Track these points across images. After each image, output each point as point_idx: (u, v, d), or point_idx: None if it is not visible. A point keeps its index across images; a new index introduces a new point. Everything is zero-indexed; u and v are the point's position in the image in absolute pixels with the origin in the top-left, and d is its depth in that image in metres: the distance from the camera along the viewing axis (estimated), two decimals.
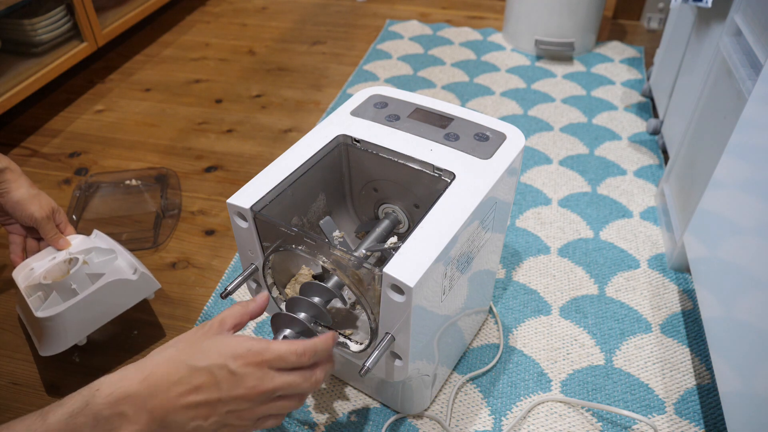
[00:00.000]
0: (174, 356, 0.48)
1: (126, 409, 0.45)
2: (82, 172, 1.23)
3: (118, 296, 0.80)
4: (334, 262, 0.57)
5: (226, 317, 0.54)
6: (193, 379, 0.48)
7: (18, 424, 0.42)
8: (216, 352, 0.49)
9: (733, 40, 0.90)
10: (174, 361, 0.48)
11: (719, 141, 0.83)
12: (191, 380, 0.48)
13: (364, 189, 0.74)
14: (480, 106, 1.43)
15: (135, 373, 0.47)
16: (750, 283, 0.66)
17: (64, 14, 1.42)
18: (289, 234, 0.59)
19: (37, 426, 0.42)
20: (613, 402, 0.78)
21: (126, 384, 0.46)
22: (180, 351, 0.49)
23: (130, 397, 0.45)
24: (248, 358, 0.49)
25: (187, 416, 0.48)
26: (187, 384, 0.47)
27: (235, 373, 0.48)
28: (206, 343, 0.50)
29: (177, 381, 0.47)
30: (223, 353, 0.49)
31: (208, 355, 0.49)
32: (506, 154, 0.66)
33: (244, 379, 0.49)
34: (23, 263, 0.87)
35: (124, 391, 0.45)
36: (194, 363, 0.48)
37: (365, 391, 0.79)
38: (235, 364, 0.49)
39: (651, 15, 1.83)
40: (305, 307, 0.59)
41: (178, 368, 0.48)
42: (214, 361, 0.48)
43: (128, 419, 0.45)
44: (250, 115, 1.43)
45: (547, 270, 0.98)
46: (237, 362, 0.49)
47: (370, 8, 2.00)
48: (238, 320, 0.54)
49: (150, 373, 0.47)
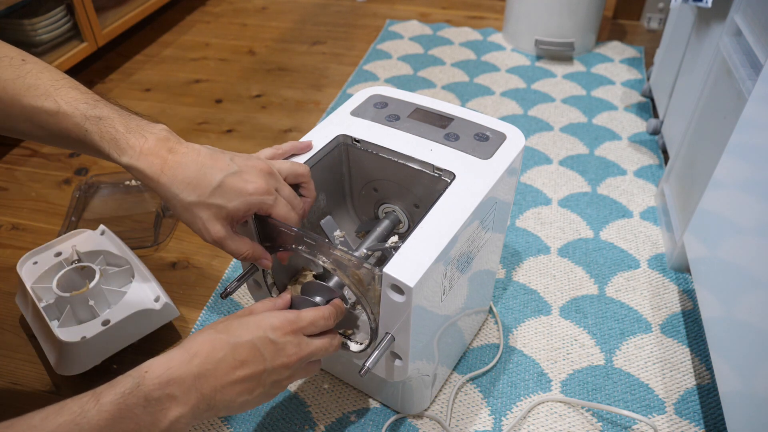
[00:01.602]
0: (215, 336, 0.50)
1: (175, 390, 0.46)
2: (82, 172, 1.23)
3: (140, 325, 0.82)
4: (335, 262, 0.57)
5: (256, 307, 0.57)
6: (238, 355, 0.50)
7: (73, 403, 0.44)
8: (255, 326, 0.52)
9: (733, 40, 0.90)
10: (216, 341, 0.50)
11: (719, 141, 0.83)
12: (236, 356, 0.50)
13: (364, 189, 0.74)
14: (480, 106, 1.43)
15: (181, 354, 0.48)
16: (750, 283, 0.66)
17: (64, 14, 1.42)
18: (288, 234, 0.59)
19: (90, 406, 0.43)
20: (613, 402, 0.78)
21: (174, 365, 0.47)
22: (219, 331, 0.51)
23: (178, 379, 0.46)
24: (285, 327, 0.53)
25: (235, 392, 0.50)
26: (233, 360, 0.49)
27: (276, 342, 0.52)
28: (242, 321, 0.52)
29: (222, 358, 0.49)
30: (261, 326, 0.52)
31: (248, 329, 0.51)
32: (506, 154, 0.66)
33: (285, 348, 0.52)
34: (25, 256, 0.87)
35: (173, 372, 0.46)
36: (236, 339, 0.50)
37: (365, 391, 0.79)
38: (274, 335, 0.52)
39: (651, 15, 1.83)
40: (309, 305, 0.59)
41: (222, 346, 0.49)
42: (255, 334, 0.51)
43: (177, 400, 0.46)
44: (250, 115, 1.43)
45: (547, 270, 0.98)
46: (276, 333, 0.52)
47: (370, 8, 2.00)
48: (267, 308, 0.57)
49: (195, 353, 0.48)
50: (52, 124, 0.53)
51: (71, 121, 0.53)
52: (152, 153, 0.53)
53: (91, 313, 0.82)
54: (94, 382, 0.81)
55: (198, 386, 0.47)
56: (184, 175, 0.53)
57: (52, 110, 0.53)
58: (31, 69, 0.54)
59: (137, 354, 0.85)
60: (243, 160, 0.57)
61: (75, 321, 0.82)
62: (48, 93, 0.53)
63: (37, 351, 0.86)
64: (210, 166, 0.54)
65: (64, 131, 0.53)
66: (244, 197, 0.55)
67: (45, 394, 0.80)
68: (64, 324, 0.81)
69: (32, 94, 0.53)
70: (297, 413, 0.77)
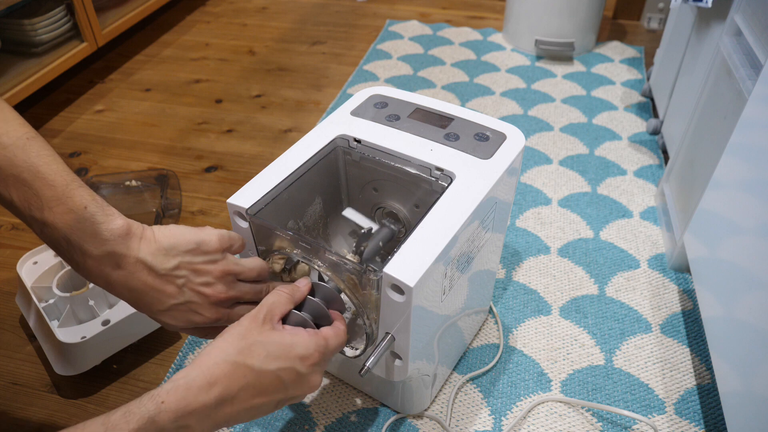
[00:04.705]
0: (237, 359, 0.47)
1: (191, 421, 0.45)
2: (82, 172, 1.23)
3: (140, 325, 0.82)
4: (330, 266, 0.57)
5: (275, 309, 0.53)
6: (260, 384, 0.48)
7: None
8: (284, 355, 0.49)
9: (733, 40, 0.90)
10: (239, 366, 0.47)
11: (719, 141, 0.83)
12: (258, 384, 0.48)
13: (363, 189, 0.74)
14: (480, 106, 1.43)
15: (199, 379, 0.46)
16: (750, 283, 0.66)
17: (64, 14, 1.42)
18: (284, 238, 0.59)
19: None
20: (613, 402, 0.78)
21: (191, 396, 0.45)
22: (241, 352, 0.48)
23: (195, 411, 0.45)
24: (314, 358, 0.51)
25: (249, 414, 0.49)
26: (254, 388, 0.48)
27: (302, 374, 0.50)
28: (267, 341, 0.49)
29: (244, 386, 0.47)
30: (290, 356, 0.49)
31: (275, 357, 0.49)
32: (506, 154, 0.66)
33: (309, 379, 0.51)
34: (25, 256, 0.87)
35: (189, 404, 0.44)
36: (261, 367, 0.48)
37: (365, 391, 0.79)
38: (302, 366, 0.50)
39: (651, 15, 1.83)
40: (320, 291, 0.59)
41: (244, 373, 0.47)
42: (282, 364, 0.49)
43: (191, 429, 0.45)
44: (250, 115, 1.43)
45: (547, 270, 0.98)
46: (304, 364, 0.50)
47: (370, 8, 2.00)
48: (285, 310, 0.54)
49: (216, 380, 0.46)
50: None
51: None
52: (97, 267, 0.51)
53: (91, 313, 0.82)
54: (94, 382, 0.82)
55: (214, 415, 0.46)
56: (130, 296, 0.52)
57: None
58: None
59: (137, 354, 0.85)
60: (195, 286, 0.54)
61: (75, 321, 0.82)
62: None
63: (37, 351, 0.86)
64: (158, 291, 0.52)
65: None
66: (193, 324, 0.55)
67: (45, 394, 0.80)
68: (64, 324, 0.81)
69: None
70: (297, 413, 0.77)
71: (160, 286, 0.52)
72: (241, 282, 0.57)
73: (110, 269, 0.51)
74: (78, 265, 0.51)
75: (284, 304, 0.54)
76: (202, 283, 0.54)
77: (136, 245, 0.51)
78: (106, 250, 0.50)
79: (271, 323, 0.51)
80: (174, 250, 0.53)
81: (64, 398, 0.79)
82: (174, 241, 0.53)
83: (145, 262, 0.51)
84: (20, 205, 0.49)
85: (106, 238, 0.50)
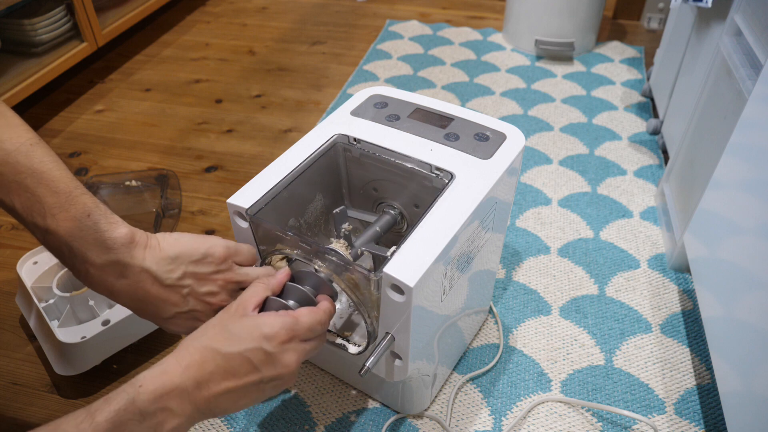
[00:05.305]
0: (207, 345, 0.48)
1: (170, 403, 0.45)
2: (82, 172, 1.23)
3: (140, 325, 0.82)
4: (330, 267, 0.57)
5: (248, 297, 0.53)
6: (229, 366, 0.48)
7: (66, 422, 0.42)
8: (248, 336, 0.49)
9: (733, 40, 0.90)
10: (208, 350, 0.48)
11: (719, 141, 0.83)
12: (227, 367, 0.48)
13: (363, 189, 0.74)
14: (480, 106, 1.43)
15: (174, 365, 0.47)
16: (750, 283, 0.66)
17: (64, 14, 1.42)
18: (285, 238, 0.59)
19: (85, 425, 0.42)
20: (613, 402, 0.78)
21: (167, 379, 0.46)
22: (211, 339, 0.49)
23: (172, 392, 0.46)
24: (281, 336, 0.50)
25: (230, 399, 0.49)
26: (224, 372, 0.48)
27: (271, 353, 0.49)
28: (235, 327, 0.50)
29: (213, 370, 0.48)
30: (255, 336, 0.49)
31: (241, 339, 0.49)
32: (506, 154, 0.66)
33: (281, 357, 0.50)
34: (25, 256, 0.87)
35: (166, 385, 0.46)
36: (228, 350, 0.48)
37: (365, 391, 0.79)
38: (269, 345, 0.49)
39: (651, 15, 1.83)
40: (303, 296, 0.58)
41: (213, 357, 0.48)
42: (247, 345, 0.49)
43: (173, 413, 0.46)
44: (250, 115, 1.43)
45: (547, 270, 0.98)
46: (271, 343, 0.50)
47: (370, 8, 2.00)
48: (260, 298, 0.54)
49: (188, 364, 0.47)
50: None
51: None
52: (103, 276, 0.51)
53: (91, 313, 0.82)
54: (94, 382, 0.82)
55: (192, 397, 0.47)
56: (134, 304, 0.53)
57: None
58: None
59: (137, 354, 0.85)
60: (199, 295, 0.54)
61: (75, 321, 0.82)
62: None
63: (37, 351, 0.86)
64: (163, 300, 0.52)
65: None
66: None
67: (45, 394, 0.80)
68: (64, 324, 0.81)
69: None
70: (297, 413, 0.77)
71: (164, 296, 0.52)
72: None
73: (114, 278, 0.51)
74: (80, 273, 0.51)
75: (259, 292, 0.54)
76: (206, 292, 0.54)
77: (141, 254, 0.51)
78: (109, 259, 0.50)
79: (243, 311, 0.51)
80: (179, 259, 0.53)
81: (64, 398, 0.80)
82: (179, 251, 0.53)
83: (150, 272, 0.51)
84: (22, 211, 0.49)
85: (110, 246, 0.50)
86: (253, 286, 0.54)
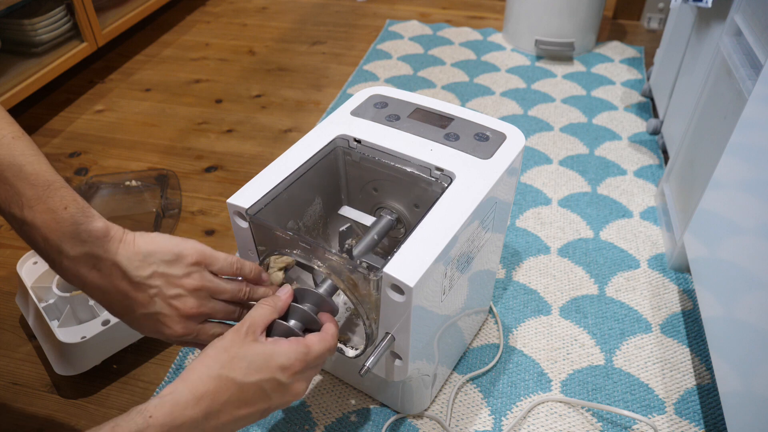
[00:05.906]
0: (222, 374, 0.48)
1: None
2: (82, 172, 1.23)
3: None
4: (329, 267, 0.57)
5: (257, 321, 0.53)
6: (244, 395, 0.49)
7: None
8: (265, 366, 0.50)
9: (733, 40, 0.90)
10: (223, 380, 0.48)
11: (719, 141, 0.83)
12: (241, 396, 0.49)
13: (363, 189, 0.74)
14: (480, 106, 1.43)
15: (186, 395, 0.46)
16: (750, 283, 0.66)
17: (64, 14, 1.42)
18: (284, 238, 0.59)
19: None
20: (613, 402, 0.78)
21: (178, 411, 0.45)
22: (224, 366, 0.49)
23: (183, 425, 0.45)
24: (296, 367, 0.51)
25: (237, 425, 0.50)
26: (238, 401, 0.49)
27: (284, 383, 0.51)
28: (248, 354, 0.50)
29: (227, 400, 0.48)
30: (271, 366, 0.50)
31: (257, 369, 0.49)
32: (506, 154, 0.66)
33: (292, 387, 0.52)
34: (25, 256, 0.87)
35: (177, 419, 0.45)
36: (243, 379, 0.49)
37: (365, 391, 0.79)
38: (283, 376, 0.51)
39: (651, 15, 1.83)
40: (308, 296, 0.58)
41: (228, 386, 0.48)
42: (263, 375, 0.50)
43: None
44: (250, 115, 1.43)
45: (547, 270, 0.98)
46: (285, 374, 0.51)
47: (370, 8, 2.00)
48: (268, 321, 0.54)
49: (201, 395, 0.47)
50: None
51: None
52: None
53: (91, 313, 0.82)
54: (94, 382, 0.82)
55: (202, 426, 0.47)
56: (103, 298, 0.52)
57: None
58: None
59: (137, 354, 0.85)
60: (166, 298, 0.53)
61: (75, 321, 0.82)
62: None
63: (37, 351, 0.86)
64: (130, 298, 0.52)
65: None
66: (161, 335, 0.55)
67: (45, 394, 0.80)
68: (64, 324, 0.81)
69: None
70: (297, 413, 0.77)
71: (131, 293, 0.52)
72: (215, 300, 0.56)
73: (86, 270, 0.50)
74: (54, 264, 0.51)
75: (267, 315, 0.54)
76: (173, 295, 0.53)
77: (114, 248, 0.51)
78: (83, 251, 0.49)
79: (253, 335, 0.51)
80: (151, 257, 0.52)
81: (64, 398, 0.80)
82: (152, 249, 0.52)
83: (120, 266, 0.51)
84: (1, 202, 0.49)
85: (84, 239, 0.49)
86: (261, 308, 0.54)
